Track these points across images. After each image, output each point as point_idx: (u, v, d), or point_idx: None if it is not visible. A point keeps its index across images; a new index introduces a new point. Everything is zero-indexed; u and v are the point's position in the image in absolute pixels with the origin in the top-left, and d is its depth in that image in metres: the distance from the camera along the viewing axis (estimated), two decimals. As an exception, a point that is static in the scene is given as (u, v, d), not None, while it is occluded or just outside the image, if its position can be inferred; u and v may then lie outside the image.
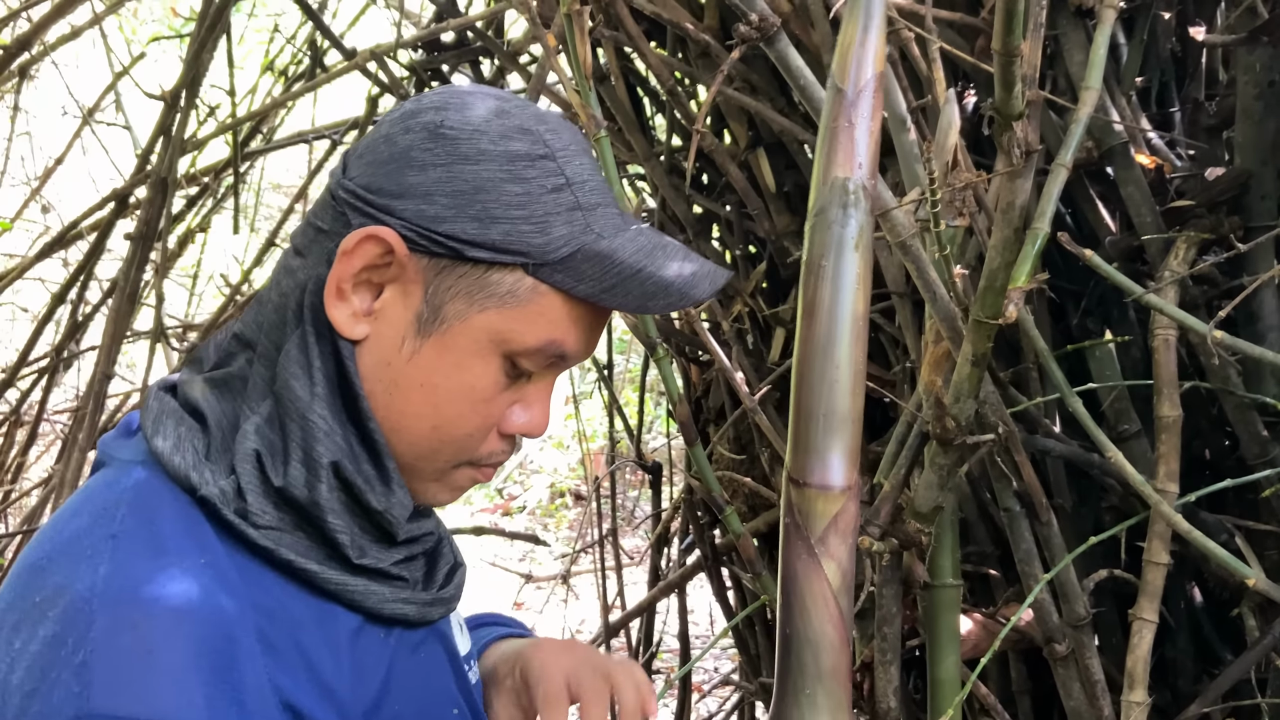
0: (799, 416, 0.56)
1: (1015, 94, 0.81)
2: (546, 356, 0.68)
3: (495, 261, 0.65)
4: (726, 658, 3.87)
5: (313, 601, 0.66)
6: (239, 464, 0.65)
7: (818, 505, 0.56)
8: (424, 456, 0.70)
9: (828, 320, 0.55)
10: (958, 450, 0.96)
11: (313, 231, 0.69)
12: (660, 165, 1.63)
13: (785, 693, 0.55)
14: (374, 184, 0.67)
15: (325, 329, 0.67)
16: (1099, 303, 1.32)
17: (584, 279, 0.66)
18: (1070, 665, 1.04)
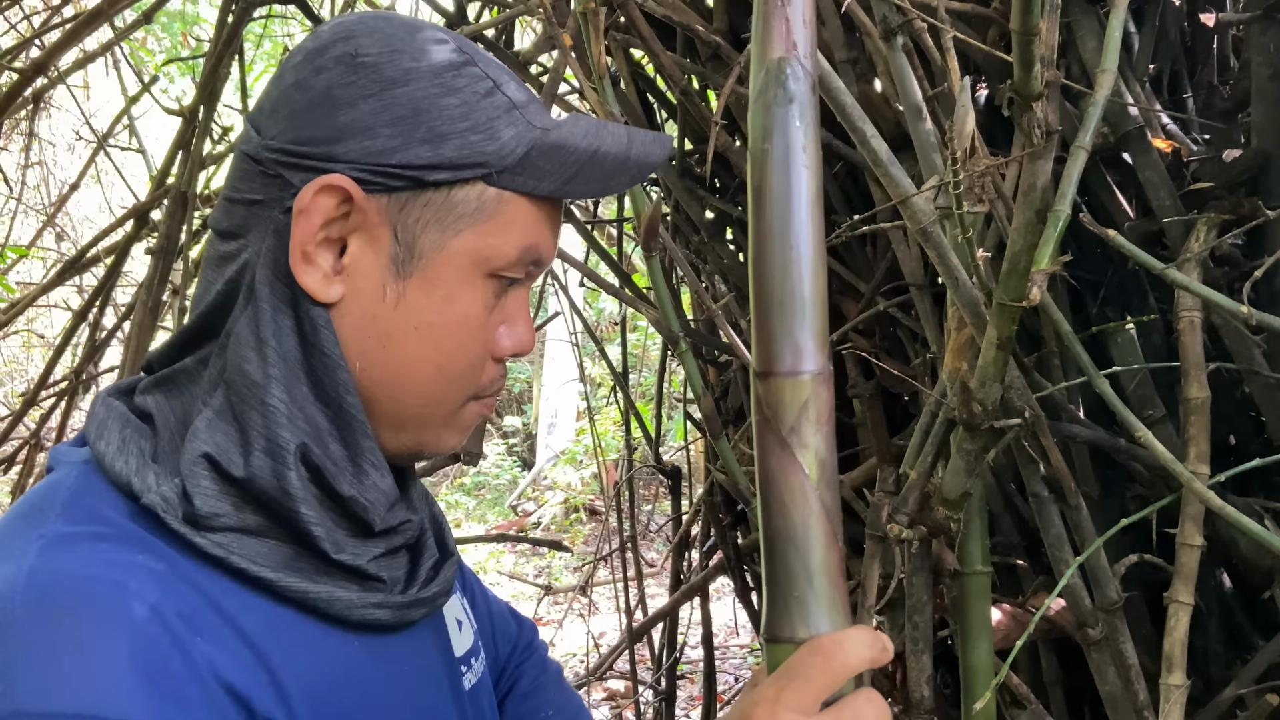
0: (760, 306, 0.52)
1: (1034, 74, 0.81)
2: (525, 265, 0.66)
3: (456, 180, 0.62)
4: (747, 668, 3.85)
5: (273, 609, 0.61)
6: (186, 466, 0.60)
7: (786, 394, 0.51)
8: (434, 401, 0.66)
9: (780, 203, 0.52)
10: (985, 435, 0.96)
11: (242, 208, 0.64)
12: (673, 169, 1.63)
13: (774, 601, 0.51)
14: (303, 135, 0.62)
15: (284, 303, 0.62)
16: (1118, 291, 1.32)
17: (545, 176, 0.64)
18: (1104, 650, 1.03)
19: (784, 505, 0.51)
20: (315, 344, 0.62)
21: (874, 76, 1.36)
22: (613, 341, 2.70)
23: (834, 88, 0.96)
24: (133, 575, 0.56)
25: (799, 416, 0.51)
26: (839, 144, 1.35)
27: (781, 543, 0.51)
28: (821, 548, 0.51)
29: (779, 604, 0.51)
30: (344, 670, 0.63)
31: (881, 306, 1.35)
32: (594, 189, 0.66)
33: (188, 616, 0.56)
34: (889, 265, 1.37)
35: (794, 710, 0.50)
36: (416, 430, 0.67)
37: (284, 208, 0.62)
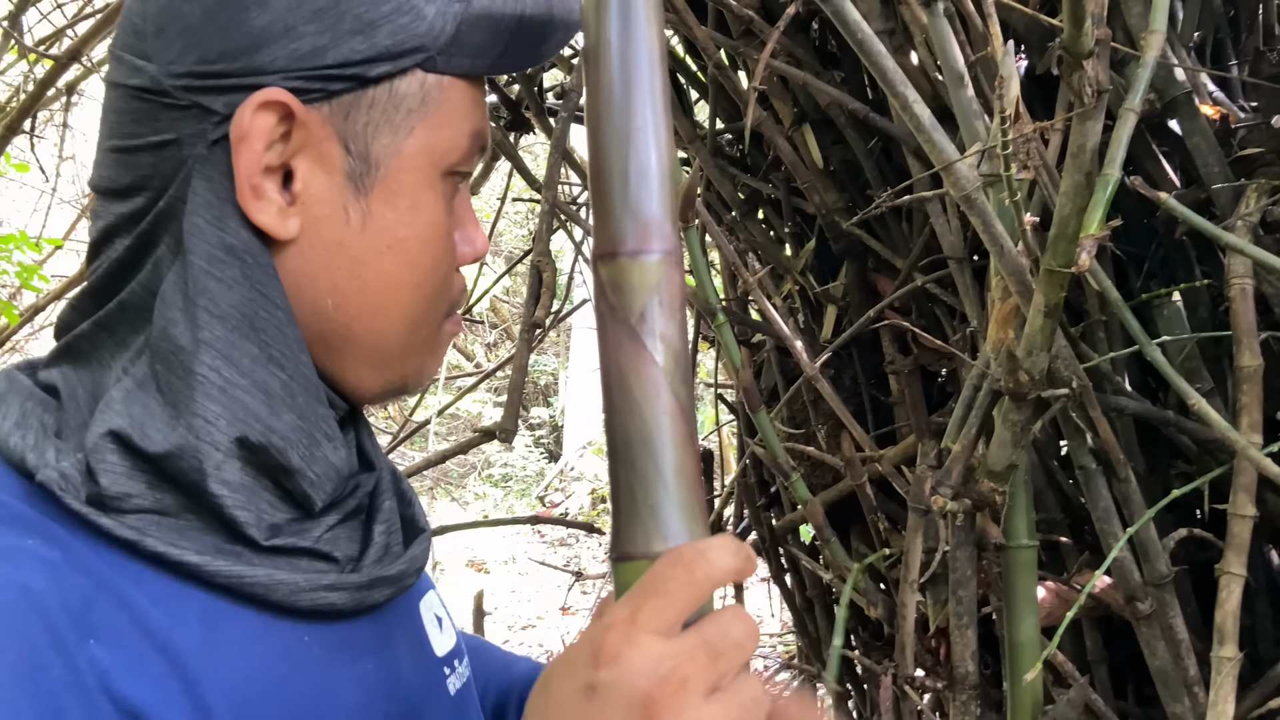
0: (599, 179, 0.46)
1: (1085, 30, 0.79)
2: (476, 151, 0.61)
3: (396, 72, 0.56)
4: (777, 656, 3.84)
5: (201, 600, 0.52)
6: (91, 440, 0.52)
7: (634, 276, 0.45)
8: (417, 324, 0.60)
9: (620, 63, 0.46)
10: (1031, 405, 0.94)
11: (146, 156, 0.55)
12: (704, 147, 1.62)
13: (625, 513, 0.45)
14: (213, 50, 0.53)
15: (224, 253, 0.54)
16: (1163, 264, 1.30)
17: (479, 52, 0.58)
18: (1154, 625, 1.01)
19: (635, 403, 0.45)
20: (267, 296, 0.55)
21: (910, 49, 1.34)
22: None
23: (874, 52, 0.94)
24: (17, 564, 0.48)
25: (649, 303, 0.45)
26: (876, 116, 1.33)
27: (634, 445, 0.44)
28: (678, 449, 0.45)
29: (631, 515, 0.45)
30: (288, 671, 0.53)
31: (919, 282, 1.33)
32: (528, 58, 0.61)
33: (79, 614, 0.48)
34: (926, 240, 1.35)
35: (653, 631, 0.42)
36: (401, 361, 0.60)
37: (207, 141, 0.54)
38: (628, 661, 0.42)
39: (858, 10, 1.32)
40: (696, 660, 0.42)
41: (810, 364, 1.09)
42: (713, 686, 0.42)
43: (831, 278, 1.58)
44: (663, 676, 0.41)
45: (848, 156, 1.50)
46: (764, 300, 1.10)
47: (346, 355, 0.59)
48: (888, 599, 1.16)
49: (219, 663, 0.51)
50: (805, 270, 1.57)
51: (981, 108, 1.05)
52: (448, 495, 6.60)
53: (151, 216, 0.55)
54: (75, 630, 0.47)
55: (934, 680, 1.02)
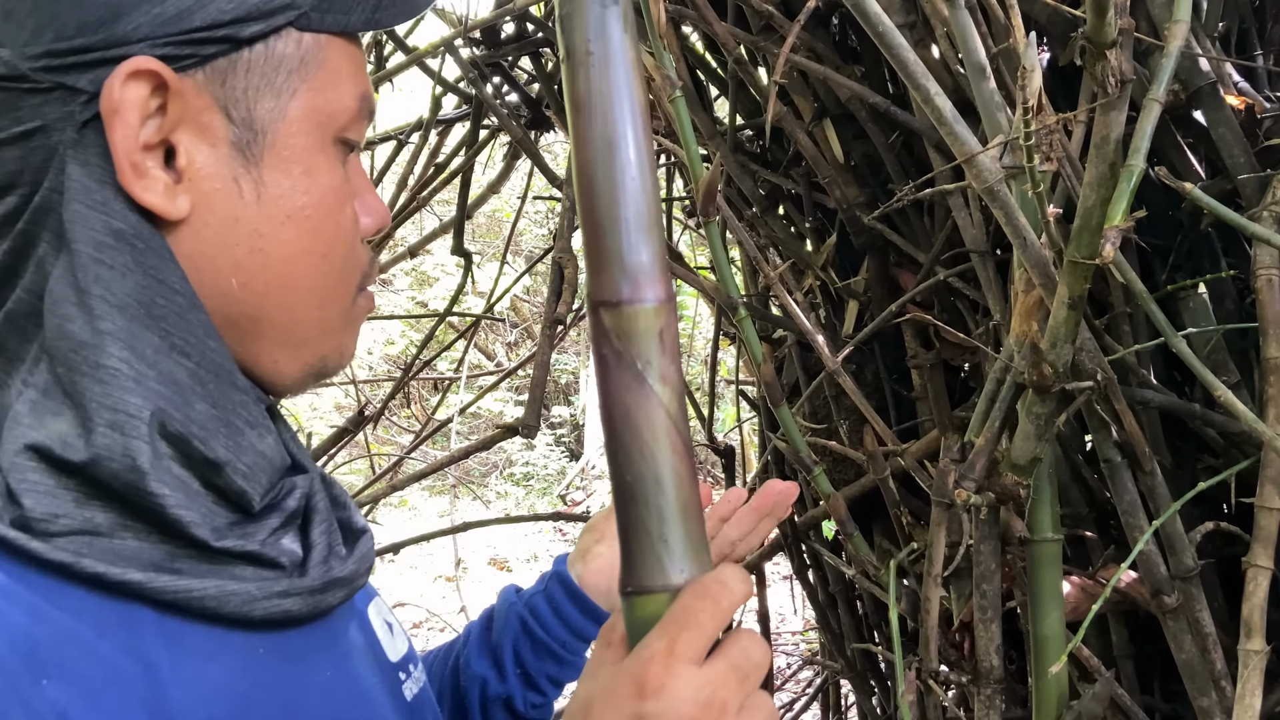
0: (595, 230, 0.46)
1: (1108, 20, 0.79)
2: (365, 116, 0.58)
3: (269, 31, 0.53)
4: (799, 654, 3.83)
5: (148, 620, 0.48)
6: (7, 460, 0.48)
7: (640, 323, 0.46)
8: (329, 298, 0.57)
9: (605, 114, 0.46)
10: (1055, 398, 0.94)
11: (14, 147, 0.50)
12: (724, 143, 1.62)
13: (638, 549, 0.47)
14: (68, 25, 0.49)
15: (111, 239, 0.50)
16: (1188, 257, 1.29)
17: (352, 7, 0.56)
18: (1180, 618, 1.00)
19: (644, 444, 0.46)
20: (164, 281, 0.51)
21: (931, 42, 1.33)
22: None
23: (896, 45, 0.94)
24: None
25: (652, 348, 0.46)
26: (897, 110, 1.33)
27: (646, 484, 0.46)
28: (686, 487, 0.47)
29: (644, 550, 0.47)
30: (249, 686, 0.51)
31: (941, 276, 1.33)
32: (403, 11, 0.59)
33: (27, 654, 0.44)
34: (948, 234, 1.35)
35: (690, 661, 0.45)
36: (318, 340, 0.57)
37: (77, 124, 0.50)
38: (673, 692, 0.44)
39: (878, 4, 1.32)
40: (729, 685, 0.45)
41: (832, 358, 1.09)
42: (741, 706, 0.45)
43: (853, 272, 1.58)
44: (705, 703, 0.44)
45: (868, 151, 1.49)
46: (786, 295, 1.10)
47: (260, 338, 0.55)
48: (911, 593, 1.16)
49: (178, 685, 0.48)
50: (826, 265, 1.57)
51: (1003, 100, 1.05)
52: (470, 494, 6.63)
53: (27, 215, 0.50)
54: (27, 671, 0.43)
55: (958, 675, 1.02)
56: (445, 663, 0.85)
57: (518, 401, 7.55)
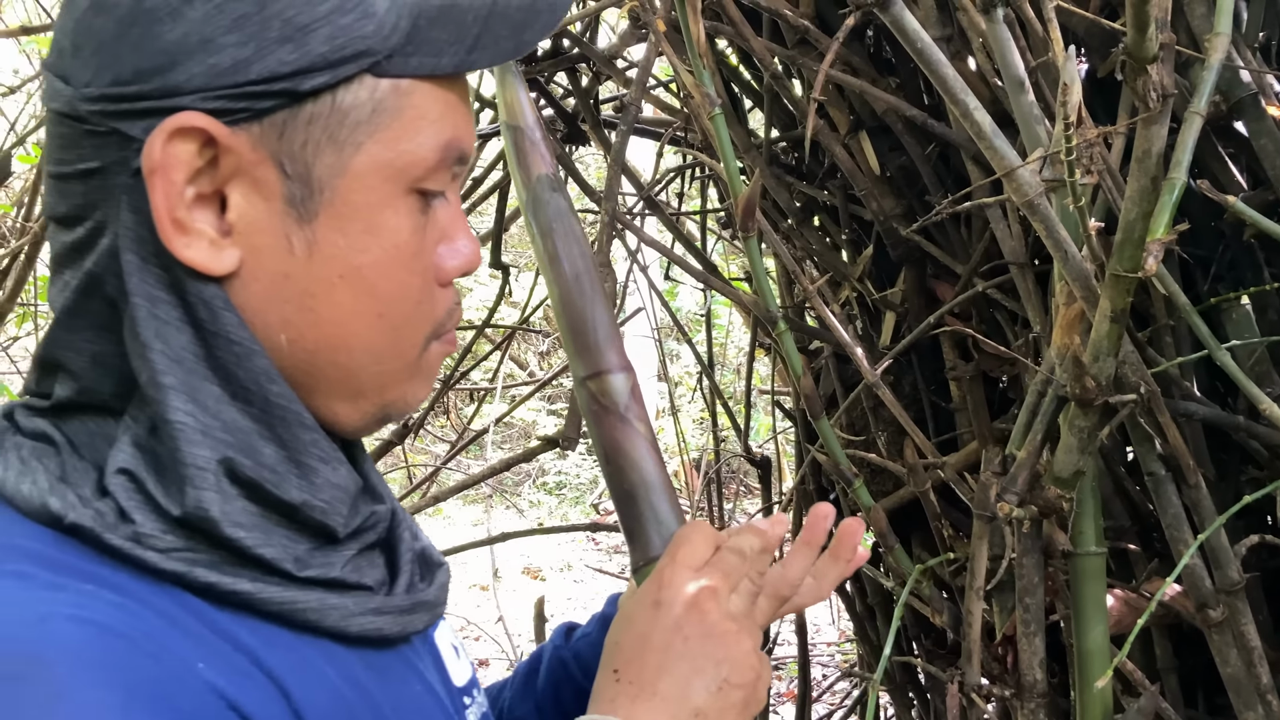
0: (577, 331, 0.70)
1: (1149, 35, 0.79)
2: (449, 165, 0.54)
3: (338, 82, 0.50)
4: (835, 665, 3.81)
5: (260, 628, 0.50)
6: (109, 481, 0.49)
7: (615, 385, 0.69)
8: (387, 355, 0.55)
9: (570, 262, 0.71)
10: (1098, 411, 0.94)
11: (77, 184, 0.50)
12: (760, 156, 1.63)
13: (641, 535, 0.67)
14: (124, 71, 0.48)
15: (163, 289, 0.50)
16: (1230, 268, 1.28)
17: (443, 49, 0.52)
18: (1225, 632, 1.00)
19: (635, 462, 0.68)
20: (217, 331, 0.50)
21: (968, 55, 1.33)
22: (696, 334, 2.71)
23: (934, 60, 0.95)
24: (89, 608, 0.45)
25: (629, 400, 0.69)
26: (933, 122, 1.33)
27: (638, 488, 0.67)
28: (668, 488, 0.68)
29: (645, 535, 0.67)
30: (355, 697, 0.52)
31: (980, 288, 1.33)
32: (505, 50, 0.54)
33: (172, 645, 0.46)
34: (986, 246, 1.35)
35: (688, 567, 0.62)
36: (377, 393, 0.56)
37: (130, 170, 0.49)
38: (676, 584, 0.62)
39: (914, 18, 1.32)
40: (717, 575, 0.62)
41: (871, 370, 1.09)
42: (732, 588, 0.62)
43: (889, 284, 1.58)
44: (700, 585, 0.61)
45: (905, 163, 1.50)
46: (823, 307, 1.11)
47: (314, 392, 0.54)
48: (953, 606, 1.16)
49: (303, 687, 0.49)
50: (863, 277, 1.57)
51: (1042, 113, 1.05)
52: (503, 503, 6.67)
53: (98, 251, 0.50)
54: (179, 659, 0.45)
55: (1001, 688, 1.02)
56: (495, 703, 0.83)
57: (550, 411, 7.58)
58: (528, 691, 0.80)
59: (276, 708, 0.48)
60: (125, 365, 0.51)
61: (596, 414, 0.69)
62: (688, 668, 0.59)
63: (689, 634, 0.59)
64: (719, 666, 0.59)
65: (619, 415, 0.68)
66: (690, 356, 6.48)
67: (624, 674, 0.59)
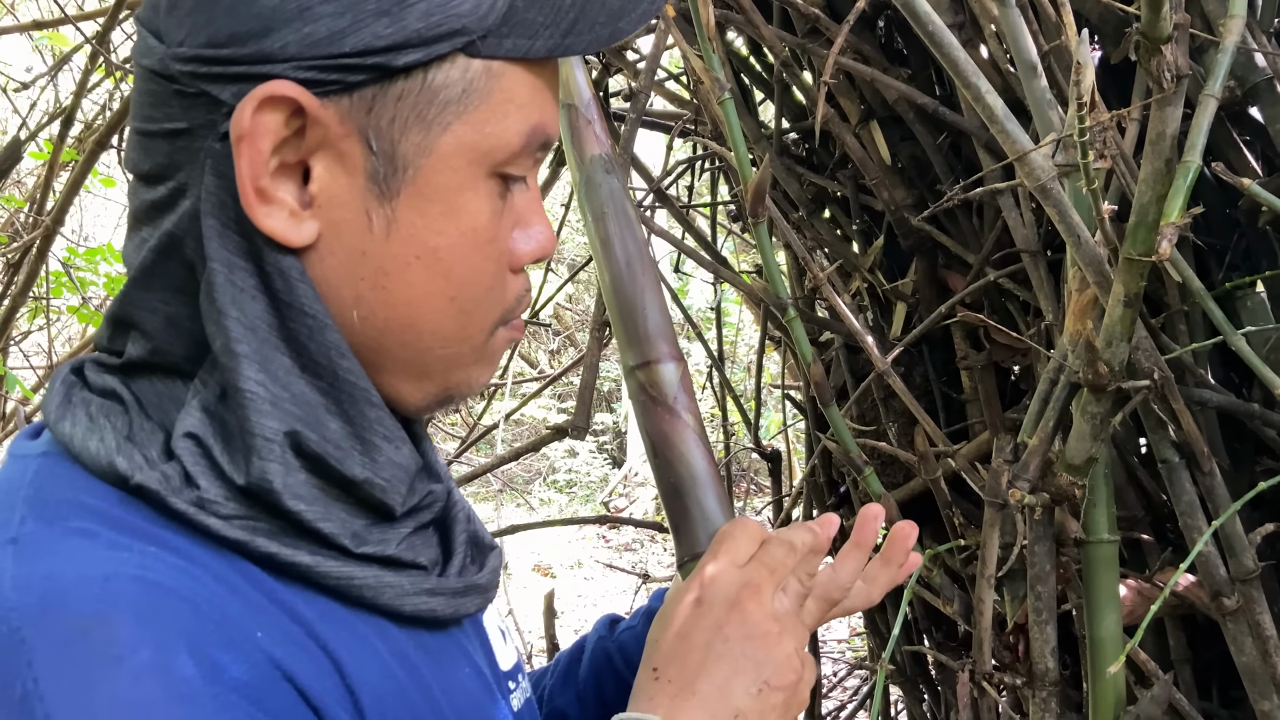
0: (627, 318, 0.68)
1: (1163, 15, 0.79)
2: (533, 150, 0.53)
3: (431, 59, 0.49)
4: (845, 661, 3.81)
5: (317, 602, 0.50)
6: (176, 444, 0.49)
7: (665, 375, 0.67)
8: (455, 338, 0.54)
9: (623, 247, 0.69)
10: (1111, 397, 0.93)
11: (162, 143, 0.50)
12: (770, 146, 1.62)
13: (687, 529, 0.66)
14: (221, 33, 0.47)
15: (241, 257, 0.49)
16: (1245, 255, 1.27)
17: (538, 31, 0.51)
18: (1240, 621, 0.99)
19: (682, 455, 0.65)
20: (291, 303, 0.50)
21: (979, 41, 1.33)
22: (707, 330, 2.70)
23: (946, 44, 0.94)
24: (153, 569, 0.45)
25: (678, 390, 0.67)
26: (945, 110, 1.32)
27: (685, 482, 0.65)
28: (716, 482, 0.66)
29: (692, 530, 0.65)
30: (406, 677, 0.52)
31: (991, 277, 1.32)
32: (601, 36, 0.52)
33: (232, 612, 0.46)
34: (997, 236, 1.34)
35: (732, 563, 0.61)
36: (442, 375, 0.56)
37: (218, 134, 0.48)
38: (722, 579, 0.60)
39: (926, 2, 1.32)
40: (761, 574, 0.60)
41: (882, 359, 1.09)
42: (777, 585, 0.60)
43: (900, 274, 1.57)
44: (744, 583, 0.60)
45: (915, 152, 1.49)
46: (834, 295, 1.10)
47: (380, 370, 0.54)
48: (963, 595, 1.15)
49: (357, 662, 0.49)
50: (874, 267, 1.56)
51: (1054, 98, 1.04)
52: (513, 500, 6.68)
53: (179, 212, 0.50)
54: (239, 626, 0.46)
55: (1012, 677, 1.01)
56: (536, 690, 0.82)
57: (560, 409, 7.59)
58: (569, 681, 0.79)
59: (330, 681, 0.48)
60: (198, 329, 0.50)
61: (645, 404, 0.67)
62: (728, 668, 0.57)
63: (730, 634, 0.58)
64: (760, 668, 0.57)
65: (668, 406, 0.66)
66: (698, 354, 6.48)
67: (663, 672, 0.58)
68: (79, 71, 2.35)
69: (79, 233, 3.98)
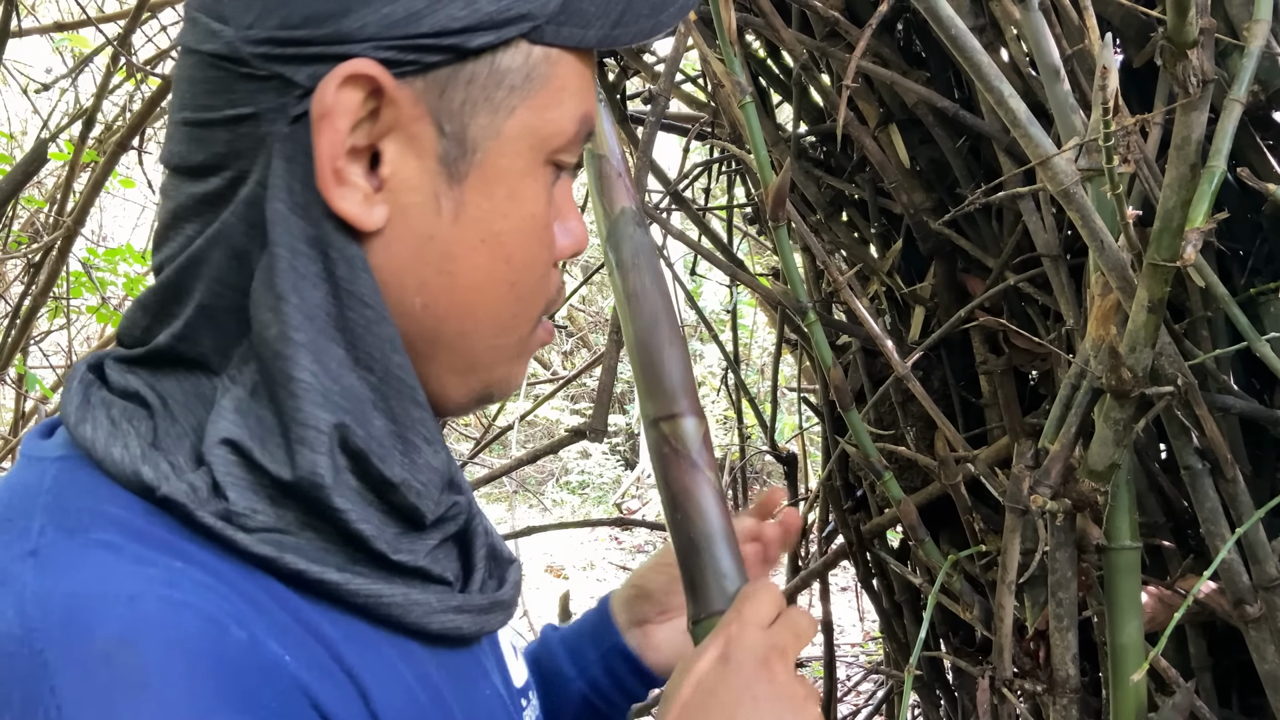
0: (652, 371, 0.67)
1: (1189, 20, 0.78)
2: (582, 139, 0.54)
3: (499, 43, 0.49)
4: (860, 665, 3.79)
5: (342, 621, 0.49)
6: (210, 451, 0.47)
7: (688, 429, 0.66)
8: (508, 327, 0.55)
9: (651, 300, 0.68)
10: (1134, 403, 0.92)
11: (221, 131, 0.49)
12: (788, 149, 1.62)
13: (703, 586, 0.64)
14: (295, 14, 0.47)
15: (305, 243, 0.48)
16: (1267, 261, 1.26)
17: (590, 21, 0.52)
18: (1263, 629, 0.98)
19: (702, 512, 0.64)
20: (353, 291, 0.49)
21: (1000, 45, 1.32)
22: (722, 332, 2.70)
23: (969, 47, 0.94)
24: (180, 587, 0.44)
25: (700, 445, 0.66)
26: (966, 114, 1.32)
27: (705, 540, 0.64)
28: (732, 541, 0.64)
29: (706, 588, 0.64)
30: (427, 699, 0.51)
31: (1011, 281, 1.31)
32: (644, 29, 0.54)
33: (259, 635, 0.44)
34: (1018, 240, 1.33)
35: (758, 625, 0.58)
36: (488, 367, 0.55)
37: (289, 117, 0.48)
38: (748, 640, 0.57)
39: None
40: (787, 638, 0.58)
41: (901, 363, 1.08)
42: (800, 649, 0.59)
43: (918, 278, 1.57)
44: (770, 645, 0.57)
45: (934, 156, 1.48)
46: (853, 298, 1.10)
47: (432, 360, 0.53)
48: (983, 601, 1.15)
49: (381, 687, 0.48)
50: (892, 271, 1.56)
51: (1077, 102, 1.04)
52: (526, 501, 6.69)
53: (232, 204, 0.49)
54: (268, 650, 0.44)
55: (1033, 684, 1.01)
56: None
57: (573, 410, 7.59)
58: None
59: (354, 707, 0.47)
60: (231, 321, 0.49)
61: (667, 457, 0.66)
62: None
63: (758, 693, 0.56)
64: None
65: (690, 460, 0.65)
66: (712, 357, 6.46)
67: None
68: (99, 73, 2.36)
69: (98, 233, 4.01)
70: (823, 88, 1.50)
